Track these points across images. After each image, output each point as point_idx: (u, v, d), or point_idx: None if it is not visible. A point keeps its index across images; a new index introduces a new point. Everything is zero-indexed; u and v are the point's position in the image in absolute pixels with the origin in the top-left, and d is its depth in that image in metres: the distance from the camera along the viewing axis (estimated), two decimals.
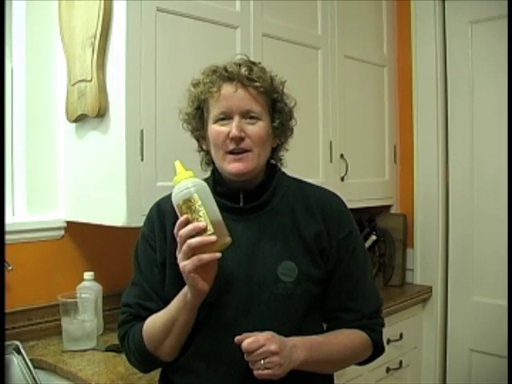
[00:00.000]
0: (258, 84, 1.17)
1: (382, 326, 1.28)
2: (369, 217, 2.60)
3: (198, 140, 1.27)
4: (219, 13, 1.84)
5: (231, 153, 1.16)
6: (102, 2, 1.62)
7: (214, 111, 1.17)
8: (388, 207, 2.67)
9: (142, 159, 1.64)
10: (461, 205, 2.49)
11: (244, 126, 1.16)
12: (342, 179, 2.31)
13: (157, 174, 1.67)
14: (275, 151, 1.27)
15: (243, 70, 1.17)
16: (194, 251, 1.03)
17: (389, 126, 2.61)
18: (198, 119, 1.22)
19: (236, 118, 1.15)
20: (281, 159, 1.29)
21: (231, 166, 1.16)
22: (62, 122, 1.85)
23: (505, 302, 2.25)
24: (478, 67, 2.42)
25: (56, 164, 1.89)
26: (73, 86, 1.76)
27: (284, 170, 1.30)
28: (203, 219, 1.04)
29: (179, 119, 1.27)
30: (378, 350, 1.26)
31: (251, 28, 1.94)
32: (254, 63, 1.21)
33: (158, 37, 1.68)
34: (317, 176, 2.19)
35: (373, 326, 1.24)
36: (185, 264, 1.04)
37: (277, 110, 1.23)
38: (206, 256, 1.03)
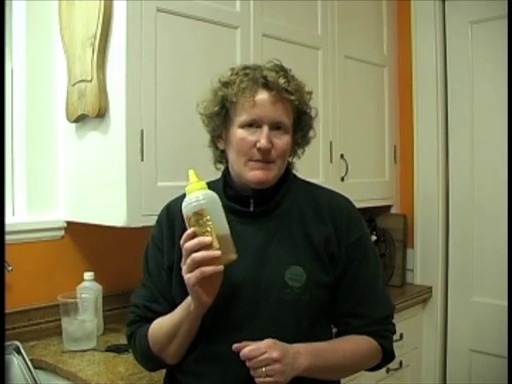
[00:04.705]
0: (293, 98, 1.16)
1: (393, 332, 1.25)
2: (369, 217, 2.60)
3: (212, 137, 1.25)
4: (219, 13, 1.84)
5: (255, 161, 1.14)
6: (102, 3, 1.62)
7: (243, 116, 1.14)
8: (388, 207, 2.67)
9: (142, 159, 1.64)
10: (461, 205, 2.49)
11: (271, 137, 1.14)
12: (342, 179, 2.31)
13: (157, 174, 1.67)
14: (288, 157, 1.26)
15: (282, 82, 1.14)
16: (197, 265, 1.03)
17: (389, 126, 2.61)
18: (221, 118, 1.19)
19: (265, 129, 1.14)
20: (292, 165, 1.29)
21: (252, 174, 1.15)
22: (62, 122, 1.85)
23: (505, 302, 2.25)
24: (477, 67, 2.42)
25: (56, 164, 1.89)
26: (73, 86, 1.76)
27: (297, 171, 1.31)
28: (210, 234, 1.03)
29: (197, 111, 1.24)
30: (387, 356, 1.24)
31: (251, 28, 1.94)
32: (286, 71, 1.19)
33: (158, 37, 1.68)
34: (317, 176, 2.19)
35: (382, 333, 1.22)
36: (188, 277, 1.04)
37: (302, 122, 1.23)
38: (208, 269, 1.02)
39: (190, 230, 1.04)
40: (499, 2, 2.29)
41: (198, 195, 1.06)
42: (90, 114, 1.69)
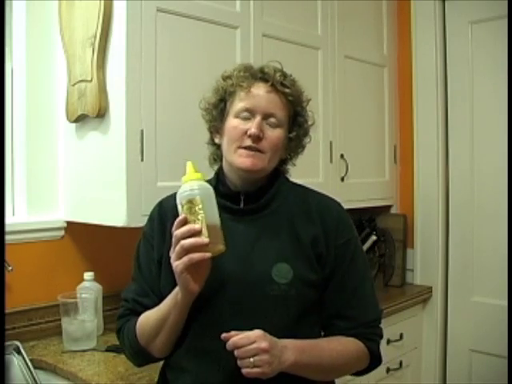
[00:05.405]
0: (288, 91, 1.20)
1: (380, 336, 1.26)
2: (369, 217, 2.60)
3: (211, 132, 1.28)
4: (219, 13, 1.84)
5: (245, 148, 1.17)
6: (102, 3, 1.62)
7: (238, 105, 1.19)
8: (388, 207, 2.67)
9: (142, 159, 1.64)
10: (461, 205, 2.49)
11: (264, 127, 1.17)
12: (342, 179, 2.30)
13: (157, 174, 1.67)
14: (283, 163, 1.29)
15: (278, 75, 1.20)
16: (186, 252, 1.04)
17: (389, 126, 2.61)
18: (218, 110, 1.23)
19: (258, 118, 1.17)
20: (286, 169, 1.31)
21: (241, 160, 1.17)
22: (62, 122, 1.85)
23: (505, 302, 2.25)
24: (477, 67, 2.42)
25: (56, 164, 1.89)
26: (73, 86, 1.76)
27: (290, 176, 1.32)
28: (200, 222, 1.05)
29: (199, 107, 1.28)
30: (374, 360, 1.24)
31: (251, 28, 1.94)
32: (285, 72, 1.24)
33: (158, 37, 1.68)
34: (317, 176, 2.19)
35: (369, 336, 1.22)
36: (177, 264, 1.05)
37: (296, 122, 1.25)
38: (196, 255, 1.04)
39: (181, 217, 1.07)
40: (499, 2, 2.29)
41: (192, 185, 1.09)
42: (90, 114, 1.69)
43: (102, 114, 1.66)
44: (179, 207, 1.09)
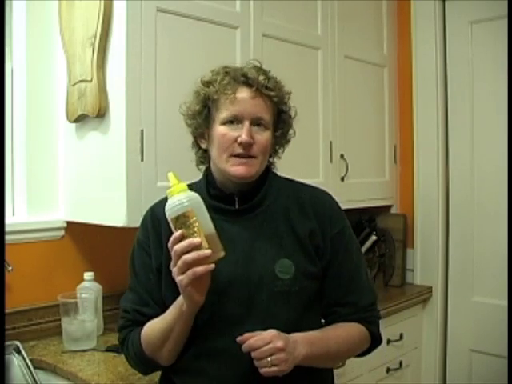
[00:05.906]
0: (273, 94, 1.19)
1: (379, 318, 1.31)
2: (369, 217, 2.60)
3: (195, 137, 1.28)
4: (219, 13, 1.84)
5: (236, 156, 1.17)
6: (102, 3, 1.62)
7: (224, 113, 1.18)
8: (388, 207, 2.67)
9: (142, 159, 1.64)
10: (461, 205, 2.49)
11: (252, 132, 1.17)
12: (342, 179, 2.30)
13: (157, 174, 1.67)
14: (269, 157, 1.29)
15: (262, 78, 1.18)
16: (188, 266, 1.04)
17: (389, 126, 2.61)
18: (203, 117, 1.22)
19: (246, 124, 1.17)
20: (273, 164, 1.32)
21: (235, 169, 1.17)
22: (62, 122, 1.85)
23: (505, 302, 2.25)
24: (477, 67, 2.42)
25: (56, 164, 1.89)
26: (73, 86, 1.76)
27: (277, 171, 1.33)
28: (197, 235, 1.05)
29: (180, 113, 1.28)
30: (375, 340, 1.29)
31: (251, 28, 1.94)
32: (265, 71, 1.23)
33: (158, 37, 1.68)
34: (317, 176, 2.19)
35: (369, 318, 1.26)
36: (181, 279, 1.05)
37: (281, 119, 1.26)
38: (200, 269, 1.04)
39: (177, 233, 1.05)
40: (499, 2, 2.29)
41: (180, 198, 1.07)
42: (90, 114, 1.69)
43: (102, 114, 1.66)
44: (171, 222, 1.07)
